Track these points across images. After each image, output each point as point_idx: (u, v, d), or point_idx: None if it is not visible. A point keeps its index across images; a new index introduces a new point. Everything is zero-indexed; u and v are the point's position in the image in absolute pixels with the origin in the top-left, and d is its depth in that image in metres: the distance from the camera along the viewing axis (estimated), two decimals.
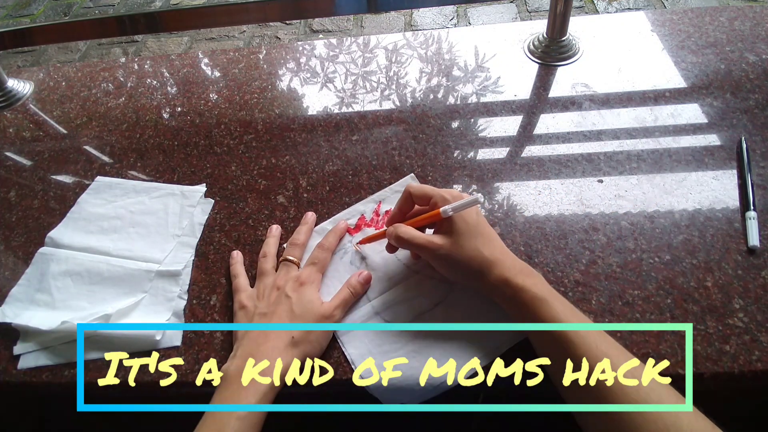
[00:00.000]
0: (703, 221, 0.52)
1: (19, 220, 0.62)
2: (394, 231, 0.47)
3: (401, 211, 0.50)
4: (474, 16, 2.36)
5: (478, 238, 0.44)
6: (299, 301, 0.47)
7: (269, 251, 0.53)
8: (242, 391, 0.41)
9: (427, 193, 0.47)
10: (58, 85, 0.82)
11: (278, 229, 0.56)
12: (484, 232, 0.45)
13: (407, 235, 0.46)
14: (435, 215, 0.45)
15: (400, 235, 0.46)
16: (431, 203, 0.47)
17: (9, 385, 0.48)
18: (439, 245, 0.44)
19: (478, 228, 0.45)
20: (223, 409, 0.41)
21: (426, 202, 0.47)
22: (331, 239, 0.53)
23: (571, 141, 0.62)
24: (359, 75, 0.76)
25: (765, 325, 0.44)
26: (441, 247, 0.44)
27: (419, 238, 0.45)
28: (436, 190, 0.47)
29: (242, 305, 0.48)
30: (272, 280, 0.50)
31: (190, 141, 0.69)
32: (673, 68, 0.69)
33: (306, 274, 0.49)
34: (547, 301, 0.40)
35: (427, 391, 0.44)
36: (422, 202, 0.48)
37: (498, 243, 0.45)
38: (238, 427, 0.39)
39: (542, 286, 0.42)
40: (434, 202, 0.46)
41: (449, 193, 0.46)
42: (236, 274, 0.52)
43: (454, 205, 0.44)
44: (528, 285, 0.41)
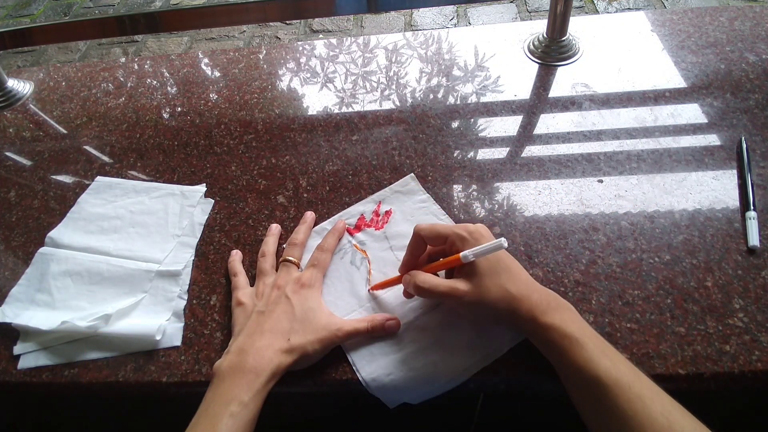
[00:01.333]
0: (703, 221, 0.52)
1: (19, 220, 0.62)
2: (412, 279, 0.43)
3: (414, 256, 0.46)
4: (474, 16, 2.36)
5: (502, 275, 0.41)
6: (301, 305, 0.46)
7: (268, 250, 0.53)
8: (234, 388, 0.41)
9: (441, 233, 0.44)
10: (58, 85, 0.82)
11: (278, 228, 0.56)
12: (507, 266, 0.42)
13: (427, 285, 0.42)
14: (455, 260, 0.42)
15: (419, 285, 0.43)
16: (447, 243, 0.44)
17: (9, 385, 0.48)
18: (464, 292, 0.41)
19: (500, 264, 0.42)
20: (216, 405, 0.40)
21: (441, 242, 0.44)
22: (331, 240, 0.53)
23: (571, 141, 0.62)
24: (359, 75, 0.76)
25: (765, 325, 0.44)
26: (466, 294, 0.41)
27: (441, 286, 0.42)
28: (448, 227, 0.44)
29: (240, 302, 0.48)
30: (272, 280, 0.49)
31: (190, 141, 0.69)
32: (673, 68, 0.69)
33: (307, 276, 0.49)
34: (577, 339, 0.38)
35: (428, 391, 0.44)
36: (436, 242, 0.45)
37: (523, 276, 0.42)
38: (231, 424, 0.39)
39: (572, 323, 0.40)
40: (451, 242, 0.43)
41: (465, 229, 0.43)
42: (235, 272, 0.52)
43: (475, 251, 0.41)
44: (557, 322, 0.39)
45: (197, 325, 0.50)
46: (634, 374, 0.37)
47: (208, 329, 0.49)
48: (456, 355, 0.45)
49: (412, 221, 0.55)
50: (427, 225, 0.45)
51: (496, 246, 0.40)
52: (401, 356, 0.45)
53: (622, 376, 0.36)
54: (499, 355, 0.44)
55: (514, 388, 0.44)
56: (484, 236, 0.43)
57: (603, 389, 0.36)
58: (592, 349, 0.38)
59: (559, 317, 0.40)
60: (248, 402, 0.40)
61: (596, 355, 0.37)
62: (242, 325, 0.46)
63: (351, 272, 0.52)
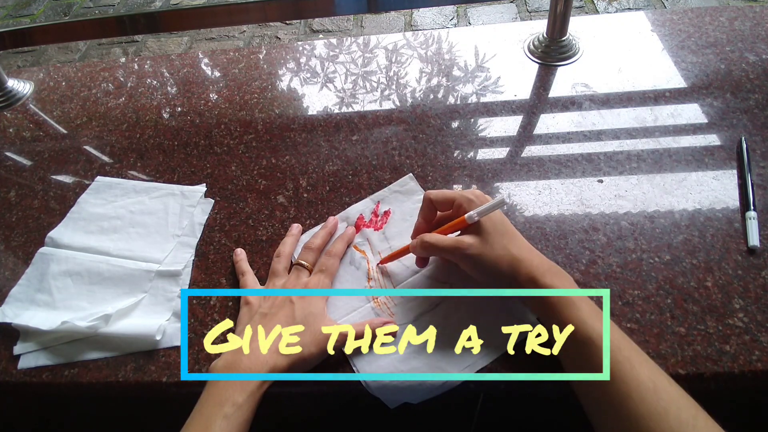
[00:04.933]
0: (703, 221, 0.52)
1: (19, 220, 0.62)
2: (419, 240, 0.46)
3: (425, 220, 0.49)
4: (474, 16, 2.36)
5: (505, 236, 0.44)
6: (302, 309, 0.46)
7: (284, 251, 0.53)
8: (229, 389, 0.41)
9: (449, 197, 0.46)
10: (58, 85, 0.82)
11: (298, 228, 0.56)
12: (509, 230, 0.45)
13: (434, 240, 0.45)
14: (460, 222, 0.44)
15: (426, 241, 0.45)
16: (455, 206, 0.46)
17: (9, 385, 0.48)
18: (468, 244, 0.43)
19: (504, 226, 0.44)
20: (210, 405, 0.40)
21: (448, 207, 0.47)
22: (339, 246, 0.53)
23: (571, 141, 0.62)
24: (359, 75, 0.76)
25: (765, 325, 0.44)
26: (471, 246, 0.43)
27: (446, 240, 0.45)
28: (457, 192, 0.46)
29: (248, 301, 0.49)
30: (282, 283, 0.50)
31: (190, 141, 0.69)
32: (673, 68, 0.69)
33: (314, 282, 0.49)
34: (573, 302, 0.40)
35: (428, 391, 0.44)
36: (444, 207, 0.47)
37: (524, 241, 0.45)
38: (224, 425, 0.39)
39: (569, 287, 0.41)
40: (458, 205, 0.45)
41: (472, 194, 0.45)
42: (243, 271, 0.52)
43: (479, 210, 0.43)
44: (556, 285, 0.41)
45: (197, 325, 0.50)
46: (624, 340, 0.39)
47: (208, 329, 0.49)
48: (456, 355, 0.45)
49: (410, 221, 0.55)
50: (436, 190, 0.48)
51: (498, 203, 0.43)
52: (401, 356, 0.45)
53: (613, 340, 0.38)
54: (499, 355, 0.44)
55: (514, 388, 0.44)
56: (488, 200, 0.45)
57: (594, 350, 0.37)
58: (586, 311, 0.39)
59: (558, 281, 0.41)
60: (242, 403, 0.40)
61: (590, 317, 0.39)
62: (244, 324, 0.46)
63: (351, 272, 0.52)
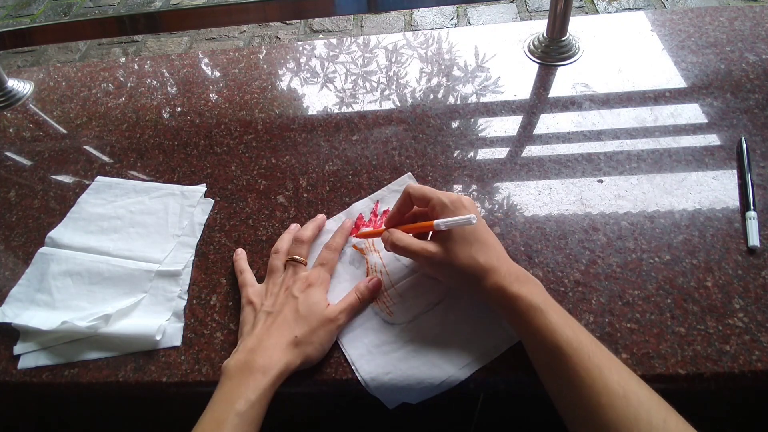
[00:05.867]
0: (703, 221, 0.52)
1: (19, 220, 0.62)
2: (390, 237, 0.47)
3: (400, 212, 0.49)
4: (474, 16, 2.36)
5: (473, 245, 0.43)
6: (305, 301, 0.47)
7: (282, 248, 0.53)
8: (242, 387, 0.41)
9: (426, 195, 0.46)
10: (58, 85, 0.82)
11: (297, 227, 0.56)
12: (480, 238, 0.44)
13: (401, 243, 0.46)
14: (428, 226, 0.45)
15: (394, 242, 0.46)
16: (429, 206, 0.46)
17: (9, 385, 0.48)
18: (432, 253, 0.44)
19: (474, 234, 0.44)
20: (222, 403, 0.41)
21: (425, 204, 0.47)
22: (339, 239, 0.53)
23: (571, 141, 0.62)
24: (359, 75, 0.76)
25: (765, 325, 0.44)
26: (435, 255, 0.44)
27: (413, 245, 0.45)
28: (435, 192, 0.46)
29: (250, 301, 0.49)
30: (281, 279, 0.50)
31: (190, 141, 0.69)
32: (673, 68, 0.69)
33: (314, 276, 0.49)
34: (541, 310, 0.40)
35: (428, 391, 0.44)
36: (421, 203, 0.48)
37: (495, 250, 0.44)
38: (237, 422, 0.39)
39: (538, 295, 0.41)
40: (432, 207, 0.46)
41: (448, 198, 0.45)
42: (242, 269, 0.52)
43: (447, 221, 0.43)
44: (523, 293, 0.41)
45: (197, 325, 0.50)
46: (594, 346, 0.38)
47: (208, 329, 0.49)
48: (454, 355, 0.45)
49: None
50: (418, 186, 0.48)
51: (465, 221, 0.43)
52: (400, 356, 0.45)
53: (583, 347, 0.38)
54: (498, 354, 0.44)
55: (514, 388, 0.44)
56: (466, 207, 0.45)
57: (563, 357, 0.38)
58: (555, 319, 0.39)
59: (527, 289, 0.41)
60: (255, 401, 0.41)
61: (559, 325, 0.39)
62: (251, 324, 0.47)
63: (351, 272, 0.52)
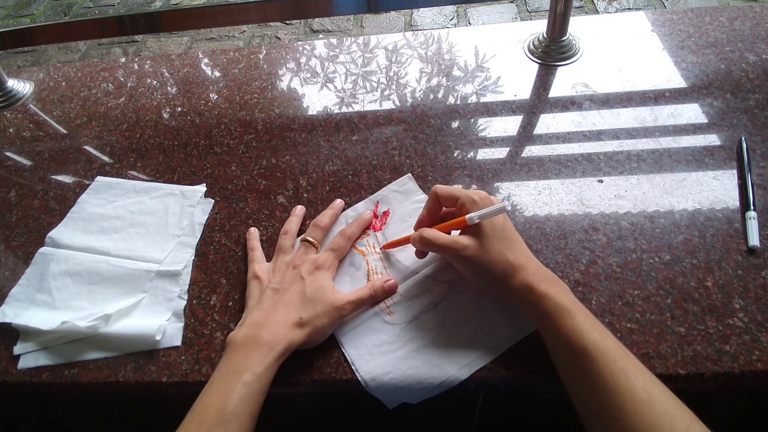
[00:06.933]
0: (703, 221, 0.52)
1: (19, 220, 0.62)
2: (419, 234, 0.46)
3: (429, 214, 0.49)
4: (474, 16, 2.36)
5: (503, 241, 0.43)
6: (312, 284, 0.47)
7: (290, 229, 0.54)
8: (249, 359, 0.42)
9: (454, 195, 0.46)
10: (58, 85, 0.82)
11: (302, 209, 0.57)
12: (510, 236, 0.44)
13: (431, 236, 0.45)
14: (461, 222, 0.44)
15: (424, 236, 0.46)
16: (458, 205, 0.46)
17: (9, 385, 0.48)
18: (464, 245, 0.43)
19: (504, 231, 0.44)
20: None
21: (453, 204, 0.47)
22: (354, 228, 0.54)
23: (571, 141, 0.62)
24: (359, 75, 0.76)
25: (765, 325, 0.44)
26: (466, 248, 0.43)
27: (443, 238, 0.45)
28: (463, 191, 0.46)
29: (256, 276, 0.50)
30: (290, 258, 0.51)
31: (190, 141, 0.69)
32: (673, 68, 0.69)
33: (323, 259, 0.50)
34: (569, 311, 0.39)
35: (427, 391, 0.44)
36: (449, 203, 0.47)
37: (523, 248, 0.44)
38: (243, 392, 0.40)
39: (566, 295, 0.41)
40: (461, 204, 0.45)
41: (477, 195, 0.45)
42: (252, 247, 0.54)
43: (480, 213, 0.43)
44: (551, 293, 0.40)
45: (197, 325, 0.50)
46: (620, 350, 0.38)
47: (208, 329, 0.49)
48: (454, 355, 0.45)
49: (409, 222, 0.55)
50: (444, 186, 0.48)
51: (499, 209, 0.43)
52: (400, 355, 0.45)
53: (609, 350, 0.37)
54: (498, 354, 0.44)
55: (514, 388, 0.44)
56: (493, 203, 0.45)
57: (589, 359, 0.37)
58: (582, 321, 0.39)
59: (554, 289, 0.41)
60: (261, 374, 0.41)
61: (586, 327, 0.39)
62: (257, 299, 0.48)
63: (351, 273, 0.52)
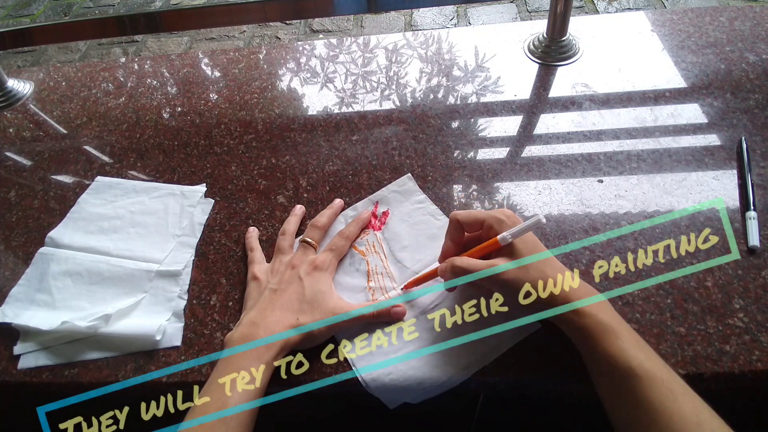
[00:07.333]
0: (703, 221, 0.52)
1: (19, 220, 0.62)
2: (449, 264, 0.43)
3: (454, 243, 0.46)
4: (474, 16, 2.36)
5: (539, 257, 0.41)
6: (311, 287, 0.47)
7: (289, 230, 0.54)
8: (246, 359, 0.42)
9: (479, 218, 0.44)
10: (58, 85, 0.82)
11: (301, 209, 0.57)
12: (541, 249, 0.42)
13: (465, 264, 0.42)
14: (493, 244, 0.42)
15: (457, 265, 0.42)
16: (485, 227, 0.44)
17: (9, 385, 0.48)
18: (504, 269, 0.41)
19: (537, 248, 0.42)
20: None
21: (477, 228, 0.45)
22: (353, 228, 0.54)
23: (571, 141, 0.62)
24: (359, 75, 0.76)
25: (765, 325, 0.44)
26: (506, 272, 0.41)
27: (479, 264, 0.42)
28: (486, 212, 0.44)
29: (255, 277, 0.50)
30: (288, 259, 0.51)
31: (190, 141, 0.69)
32: (673, 68, 0.69)
33: (321, 260, 0.50)
34: (613, 329, 0.37)
35: (428, 391, 0.44)
36: (473, 228, 0.45)
37: (558, 263, 0.43)
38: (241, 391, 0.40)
39: (608, 311, 0.39)
40: (488, 226, 0.43)
41: (503, 213, 0.43)
42: (252, 247, 0.53)
43: (513, 231, 0.41)
44: (593, 310, 0.39)
45: (197, 325, 0.50)
46: (666, 370, 0.37)
47: (208, 329, 0.49)
48: (455, 355, 0.45)
49: (409, 222, 0.55)
50: (464, 211, 0.45)
51: (534, 223, 0.40)
52: (401, 356, 0.45)
53: (656, 371, 0.36)
54: (499, 355, 0.44)
55: (514, 388, 0.44)
56: (519, 220, 0.43)
57: (635, 381, 0.35)
58: (627, 340, 0.37)
59: (596, 305, 0.39)
60: (258, 373, 0.42)
61: (631, 347, 0.37)
62: (255, 299, 0.48)
63: (351, 274, 0.52)
